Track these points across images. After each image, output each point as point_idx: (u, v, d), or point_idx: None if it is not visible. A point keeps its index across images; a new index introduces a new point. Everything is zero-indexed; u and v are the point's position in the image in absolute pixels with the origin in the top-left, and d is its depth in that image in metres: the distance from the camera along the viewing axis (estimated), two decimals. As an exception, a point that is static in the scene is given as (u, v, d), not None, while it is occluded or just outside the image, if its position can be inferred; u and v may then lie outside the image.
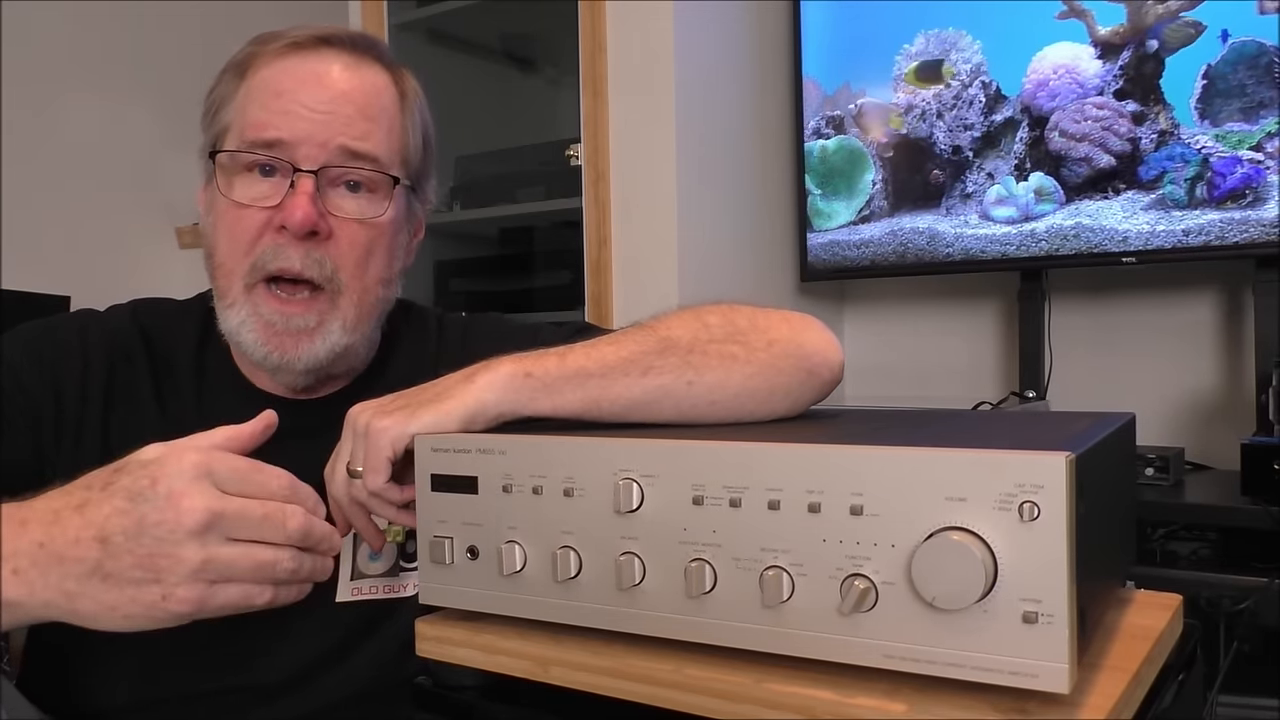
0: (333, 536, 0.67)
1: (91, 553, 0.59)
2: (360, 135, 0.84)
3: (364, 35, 0.89)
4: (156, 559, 0.59)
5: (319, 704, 0.85)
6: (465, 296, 2.32)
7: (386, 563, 0.88)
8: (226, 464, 0.62)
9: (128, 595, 0.60)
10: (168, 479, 0.60)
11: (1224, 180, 1.68)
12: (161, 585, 0.59)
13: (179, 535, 0.59)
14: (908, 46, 1.98)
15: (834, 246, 2.09)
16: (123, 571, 0.59)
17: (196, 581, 0.60)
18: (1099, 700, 0.51)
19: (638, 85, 1.93)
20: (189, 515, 0.59)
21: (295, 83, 0.84)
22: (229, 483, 0.62)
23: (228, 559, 0.61)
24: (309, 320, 0.84)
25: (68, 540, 0.60)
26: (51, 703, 0.84)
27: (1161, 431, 1.94)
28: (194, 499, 0.60)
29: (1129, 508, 0.75)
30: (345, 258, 0.85)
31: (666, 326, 0.74)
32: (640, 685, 0.57)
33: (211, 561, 0.60)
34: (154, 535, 0.59)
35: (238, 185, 0.84)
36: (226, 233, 0.85)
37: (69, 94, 2.41)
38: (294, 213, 0.81)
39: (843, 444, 0.52)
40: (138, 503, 0.59)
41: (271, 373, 0.87)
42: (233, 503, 0.61)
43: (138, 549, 0.59)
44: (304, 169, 0.82)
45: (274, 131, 0.82)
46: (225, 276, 0.85)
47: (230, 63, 0.88)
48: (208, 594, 0.61)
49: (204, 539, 0.60)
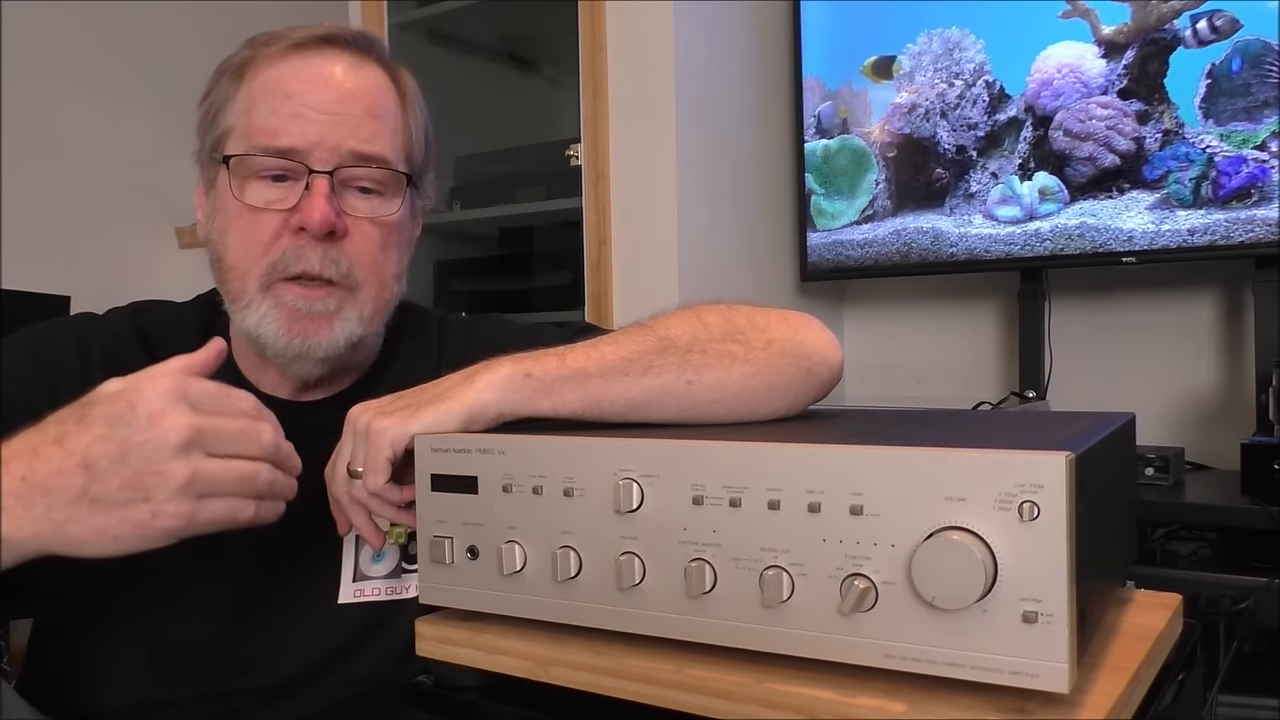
0: (294, 455, 0.70)
1: (77, 479, 0.61)
2: (369, 137, 0.85)
3: (363, 34, 0.89)
4: (145, 477, 0.61)
5: (321, 706, 0.85)
6: (465, 296, 2.32)
7: (389, 565, 0.88)
8: (198, 386, 0.65)
9: (116, 517, 0.61)
10: (146, 402, 0.62)
11: (1229, 180, 1.68)
12: (151, 503, 0.61)
13: (165, 452, 0.61)
14: (911, 46, 1.98)
15: (838, 246, 2.08)
16: (110, 494, 0.61)
17: (185, 497, 0.62)
18: (1099, 700, 0.51)
19: (638, 85, 1.93)
20: (173, 432, 0.61)
21: (302, 85, 0.84)
22: (203, 403, 0.64)
23: (212, 471, 0.63)
24: (329, 304, 0.85)
25: (50, 471, 0.62)
26: (51, 704, 0.84)
27: (1161, 431, 1.94)
28: (175, 417, 0.62)
29: (1129, 508, 0.75)
30: (361, 255, 0.85)
31: (666, 326, 0.74)
32: (641, 685, 0.57)
33: (198, 475, 0.62)
34: (140, 455, 0.61)
35: (250, 188, 0.84)
36: (239, 236, 0.84)
37: (69, 95, 2.41)
38: (312, 214, 0.82)
39: (843, 444, 0.52)
40: (118, 427, 0.62)
41: (287, 365, 0.87)
42: (210, 420, 0.63)
43: (124, 470, 0.61)
44: (318, 170, 0.83)
45: (287, 139, 0.83)
46: (239, 279, 0.85)
47: (226, 65, 0.87)
48: (196, 508, 0.63)
49: (189, 454, 0.62)
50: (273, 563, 0.86)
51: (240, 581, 0.85)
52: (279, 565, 0.86)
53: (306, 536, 0.85)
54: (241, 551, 0.85)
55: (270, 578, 0.86)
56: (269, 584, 0.86)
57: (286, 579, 0.86)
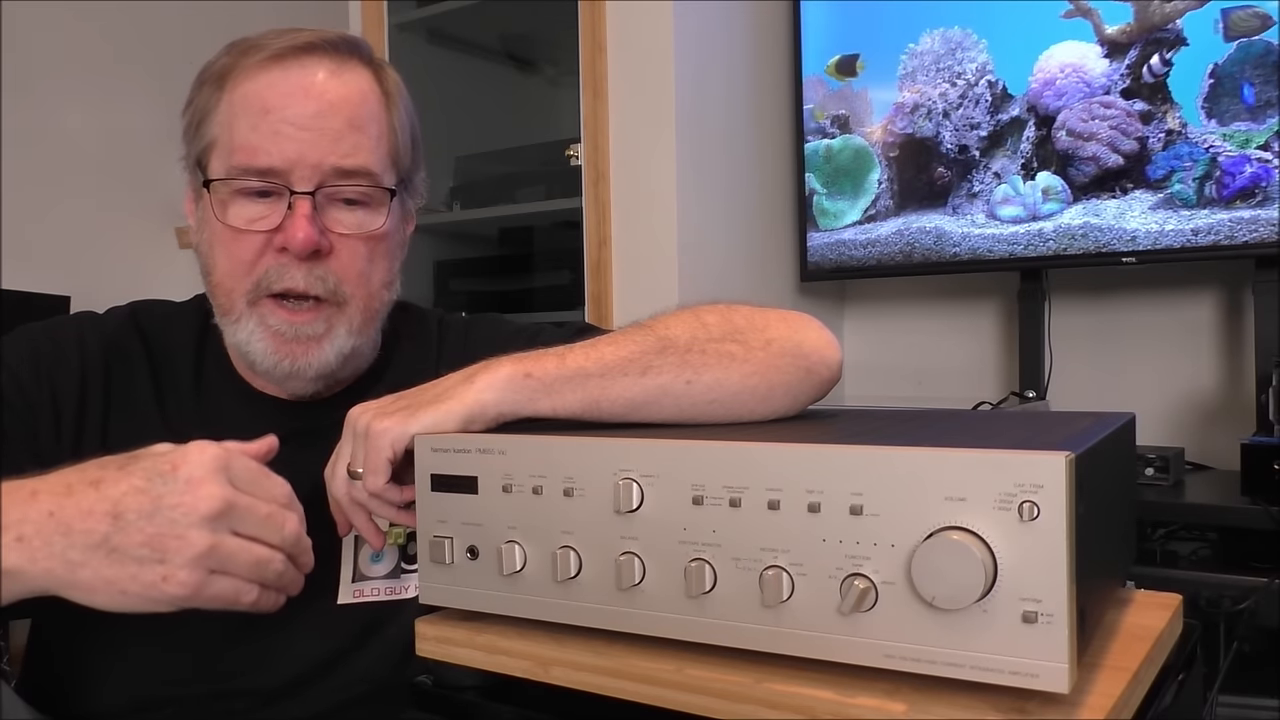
0: (309, 553, 0.70)
1: (102, 526, 0.61)
2: (350, 150, 0.83)
3: (344, 36, 0.87)
4: (166, 539, 0.62)
5: (320, 707, 0.85)
6: (465, 296, 2.32)
7: (388, 565, 0.88)
8: (242, 463, 0.66)
9: (129, 572, 0.62)
10: (189, 466, 0.63)
11: (1233, 180, 1.68)
12: (165, 566, 0.62)
13: (193, 519, 0.62)
14: (913, 45, 1.98)
15: (841, 246, 2.08)
16: (130, 548, 0.61)
17: (198, 567, 0.62)
18: (1099, 700, 0.51)
19: (638, 85, 1.93)
20: (206, 501, 0.62)
21: (280, 99, 0.82)
22: (242, 480, 0.65)
23: (231, 549, 0.64)
24: (317, 327, 0.84)
25: (80, 512, 0.62)
26: (51, 704, 0.84)
27: (1161, 431, 1.94)
28: (212, 487, 0.63)
29: (1129, 508, 0.75)
30: (348, 270, 0.85)
31: (665, 326, 0.74)
32: (640, 685, 0.57)
33: (217, 549, 0.63)
34: (168, 516, 0.62)
35: (232, 209, 0.83)
36: (224, 254, 0.84)
37: (69, 95, 2.41)
38: (295, 235, 0.81)
39: (842, 444, 0.52)
40: (155, 483, 0.62)
41: (281, 382, 0.87)
42: (244, 498, 0.65)
43: (149, 527, 0.61)
44: (300, 190, 0.82)
45: (266, 158, 0.81)
46: (226, 295, 0.85)
47: (208, 72, 0.86)
48: (205, 581, 0.63)
49: (214, 526, 0.63)
50: (272, 563, 0.86)
51: (239, 581, 0.85)
52: (278, 565, 0.86)
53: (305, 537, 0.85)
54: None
55: (269, 578, 0.86)
56: (268, 584, 0.86)
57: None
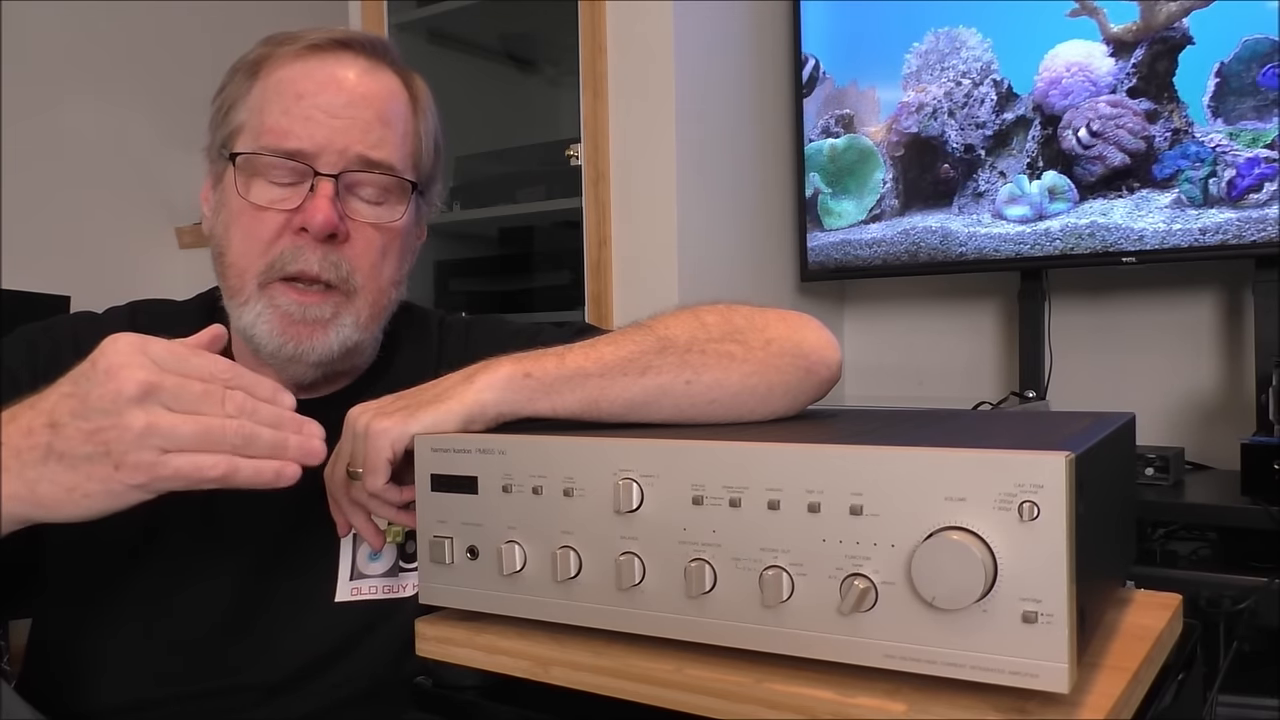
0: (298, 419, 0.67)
1: (43, 438, 0.62)
2: (377, 142, 0.85)
3: (379, 39, 0.90)
4: (104, 431, 0.61)
5: (318, 704, 0.85)
6: (465, 296, 2.32)
7: (386, 563, 0.88)
8: (160, 345, 0.64)
9: (82, 473, 0.62)
10: (105, 357, 0.62)
11: (1242, 179, 1.67)
12: (112, 456, 0.61)
13: (120, 404, 0.61)
14: (917, 44, 1.98)
15: (845, 245, 2.08)
16: (73, 449, 0.62)
17: (144, 448, 0.61)
18: (1099, 700, 0.51)
19: (638, 85, 1.93)
20: (128, 384, 0.61)
21: (314, 86, 0.84)
22: (165, 361, 0.63)
23: (172, 422, 0.62)
24: (325, 311, 0.84)
25: (22, 431, 0.63)
26: (51, 704, 0.83)
27: (1161, 431, 1.94)
28: (131, 370, 0.62)
29: (1129, 508, 0.75)
30: (361, 260, 0.85)
31: (665, 326, 0.74)
32: (640, 685, 0.57)
33: (155, 426, 0.61)
34: (99, 409, 0.61)
35: (255, 187, 0.84)
36: (242, 233, 0.85)
37: (69, 95, 2.41)
38: (315, 215, 0.82)
39: (842, 444, 0.52)
40: (81, 384, 0.63)
41: (282, 367, 0.87)
42: (169, 377, 0.63)
43: (85, 425, 0.62)
44: (324, 173, 0.83)
45: (295, 141, 0.83)
46: (238, 275, 0.85)
47: (241, 62, 0.88)
48: (158, 462, 0.62)
49: (144, 405, 0.62)
50: (270, 561, 0.86)
51: (238, 579, 0.85)
52: (276, 564, 0.86)
53: (304, 535, 0.85)
54: (239, 550, 0.85)
55: (268, 576, 0.86)
56: (267, 582, 0.86)
57: (284, 577, 0.86)
